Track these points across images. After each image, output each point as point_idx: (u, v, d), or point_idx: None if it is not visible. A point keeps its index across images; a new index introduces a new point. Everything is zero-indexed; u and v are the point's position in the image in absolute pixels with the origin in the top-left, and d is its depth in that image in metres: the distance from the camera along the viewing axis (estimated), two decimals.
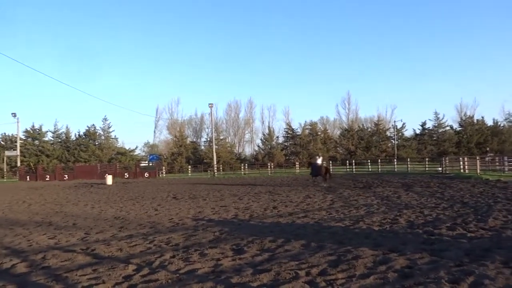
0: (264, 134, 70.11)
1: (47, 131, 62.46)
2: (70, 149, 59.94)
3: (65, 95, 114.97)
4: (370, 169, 39.50)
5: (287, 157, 60.81)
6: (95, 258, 6.13)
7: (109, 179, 32.14)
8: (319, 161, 22.95)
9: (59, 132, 63.24)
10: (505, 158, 27.37)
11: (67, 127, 63.81)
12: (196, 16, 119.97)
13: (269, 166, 45.18)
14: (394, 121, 62.74)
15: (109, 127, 64.13)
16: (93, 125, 63.02)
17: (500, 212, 9.26)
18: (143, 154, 70.83)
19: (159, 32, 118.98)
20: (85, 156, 57.98)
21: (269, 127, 72.15)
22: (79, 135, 63.12)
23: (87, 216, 11.68)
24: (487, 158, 29.67)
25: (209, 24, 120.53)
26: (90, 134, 62.31)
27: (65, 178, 44.92)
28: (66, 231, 8.97)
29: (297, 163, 47.12)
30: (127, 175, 45.32)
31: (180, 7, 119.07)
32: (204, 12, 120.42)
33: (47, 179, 44.96)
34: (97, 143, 62.41)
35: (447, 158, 34.59)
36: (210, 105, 49.07)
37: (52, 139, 63.19)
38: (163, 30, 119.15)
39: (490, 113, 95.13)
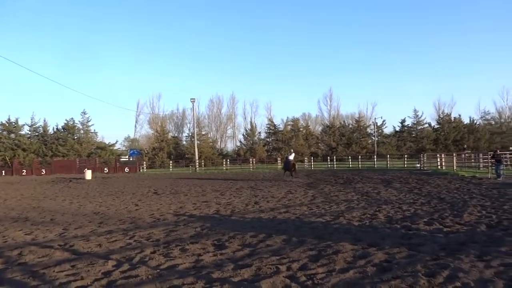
0: (246, 130, 70.04)
1: (23, 125, 60.67)
2: (47, 143, 58.47)
3: (43, 88, 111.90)
4: (350, 165, 39.98)
5: (269, 153, 60.96)
6: (73, 254, 6.03)
7: (88, 174, 31.58)
8: (291, 157, 24.76)
9: (36, 125, 61.57)
10: (480, 155, 28.13)
11: (44, 120, 62.14)
12: (178, 11, 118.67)
13: (251, 162, 45.22)
14: (375, 118, 63.64)
15: (88, 121, 62.77)
16: (72, 118, 61.59)
17: (475, 207, 9.54)
18: (124, 148, 69.80)
19: (141, 26, 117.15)
20: (63, 150, 56.68)
21: (251, 122, 72.13)
22: (57, 129, 61.59)
23: (65, 212, 11.47)
24: (464, 155, 30.41)
25: (191, 19, 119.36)
26: (68, 128, 60.90)
27: (42, 173, 43.90)
28: (44, 227, 8.79)
29: (279, 158, 47.29)
30: (107, 170, 44.61)
31: (162, 1, 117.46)
32: (186, 7, 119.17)
33: (23, 174, 43.85)
34: (76, 137, 61.06)
35: (425, 155, 35.31)
36: (192, 100, 48.68)
37: (29, 132, 61.48)
38: (145, 24, 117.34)
39: (466, 111, 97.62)
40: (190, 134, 65.26)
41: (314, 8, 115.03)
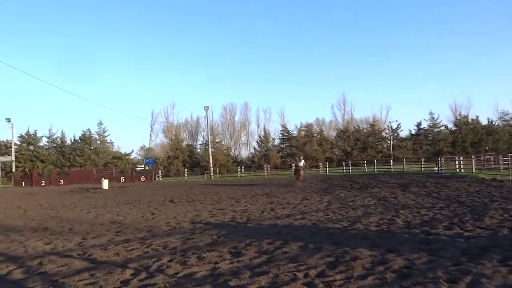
0: (260, 136, 70.20)
1: (42, 136, 62.21)
2: (65, 154, 59.65)
3: (60, 100, 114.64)
4: (366, 170, 39.56)
5: (283, 159, 60.89)
6: (92, 263, 6.09)
7: (105, 184, 31.97)
8: (301, 163, 25.41)
9: (54, 137, 63.01)
10: (500, 157, 27.50)
11: (62, 132, 63.67)
12: (191, 20, 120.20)
13: (265, 168, 45.17)
14: (390, 122, 63.07)
15: (104, 131, 64.00)
16: (89, 129, 62.88)
17: (496, 211, 9.30)
18: (139, 157, 70.68)
19: (154, 35, 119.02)
20: (80, 160, 57.71)
21: (264, 129, 72.33)
22: (74, 139, 62.86)
23: (83, 221, 11.62)
24: (488, 157, 29.64)
25: (204, 27, 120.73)
26: (85, 138, 62.05)
27: (60, 183, 44.66)
28: (63, 237, 8.91)
29: (293, 165, 47.09)
30: (123, 179, 45.11)
31: (175, 11, 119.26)
32: (199, 16, 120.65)
33: (42, 185, 44.68)
34: (92, 148, 62.14)
35: (442, 157, 34.69)
36: (205, 108, 49.10)
37: (47, 144, 62.90)
38: (158, 33, 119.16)
39: (484, 112, 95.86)
40: (204, 142, 65.78)
41: (327, 14, 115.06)
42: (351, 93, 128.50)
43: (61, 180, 45.62)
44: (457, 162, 29.57)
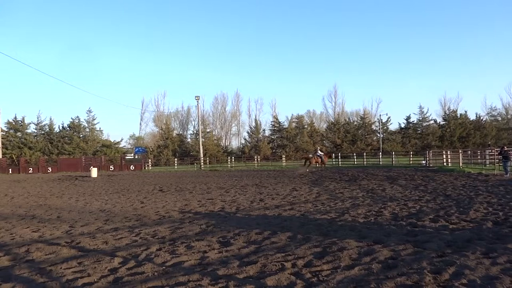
0: (250, 127, 70.22)
1: (30, 123, 61.19)
2: (53, 141, 58.89)
3: (49, 87, 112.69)
4: (355, 162, 39.87)
5: (273, 150, 61.01)
6: (80, 251, 6.07)
7: (94, 172, 31.75)
8: (319, 153, 29.53)
9: (42, 124, 62.07)
10: (486, 152, 27.91)
11: (50, 119, 62.70)
12: (182, 9, 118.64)
13: (255, 159, 45.24)
14: (380, 115, 63.39)
15: (93, 119, 63.20)
16: (78, 117, 62.05)
17: (481, 204, 9.49)
18: (129, 146, 70.18)
19: (146, 24, 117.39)
20: (69, 148, 57.09)
21: (255, 120, 72.21)
22: (63, 127, 62.05)
23: (71, 209, 11.55)
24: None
25: (196, 17, 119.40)
26: (74, 126, 61.28)
27: (48, 171, 44.23)
28: (50, 224, 8.86)
29: (283, 156, 47.28)
30: (113, 167, 44.85)
31: (167, 0, 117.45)
32: (190, 5, 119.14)
33: (30, 172, 44.20)
34: (81, 136, 61.45)
35: (430, 151, 35.12)
36: (196, 98, 48.70)
37: (35, 131, 61.98)
38: (150, 22, 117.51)
39: (473, 107, 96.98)
40: (195, 131, 65.47)
41: (318, 7, 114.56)
42: (343, 86, 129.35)
43: (49, 168, 45.16)
44: (444, 156, 29.98)
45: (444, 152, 31.95)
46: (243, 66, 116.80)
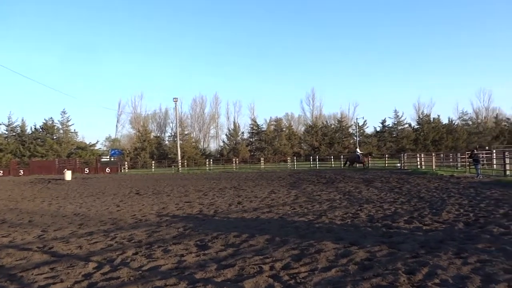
0: (229, 130, 70.05)
1: (0, 124, 59.17)
2: (25, 143, 57.11)
3: (20, 86, 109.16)
4: (333, 165, 40.36)
5: (252, 153, 61.09)
6: (53, 256, 5.91)
7: (68, 175, 30.98)
8: (359, 151, 30.24)
9: (14, 125, 60.12)
10: (458, 155, 28.79)
11: (22, 120, 60.80)
12: (160, 10, 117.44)
13: (234, 162, 45.18)
14: (356, 118, 64.48)
15: (68, 121, 61.70)
16: (51, 118, 60.39)
17: (453, 206, 9.77)
18: (105, 149, 68.76)
19: (122, 24, 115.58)
20: (42, 150, 55.46)
21: (234, 122, 72.11)
22: (35, 128, 60.26)
23: (44, 213, 11.22)
24: (443, 155, 31.03)
25: (174, 18, 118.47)
26: (47, 127, 59.61)
27: (20, 174, 42.87)
28: (22, 229, 8.58)
29: (262, 158, 47.39)
30: (88, 170, 43.86)
31: (144, 1, 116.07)
32: (169, 6, 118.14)
33: (0, 175, 42.70)
34: (55, 137, 59.84)
35: (405, 154, 35.92)
36: (174, 100, 48.29)
37: (6, 132, 59.94)
38: (126, 23, 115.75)
39: (445, 112, 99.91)
40: (173, 134, 64.87)
41: (297, 10, 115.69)
42: (321, 89, 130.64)
43: (21, 170, 43.81)
44: (418, 159, 30.74)
45: (418, 155, 32.76)
46: (222, 68, 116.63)
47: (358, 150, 30.99)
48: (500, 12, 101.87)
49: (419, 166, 29.08)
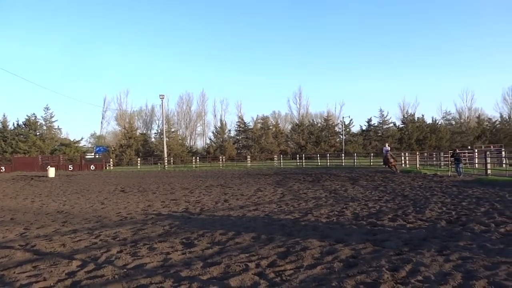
0: (216, 127, 69.78)
1: None
2: (7, 139, 55.86)
3: (2, 81, 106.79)
4: (319, 163, 40.62)
5: (238, 151, 61.03)
6: (35, 255, 5.81)
7: (51, 172, 30.48)
8: (386, 147, 25.56)
9: None
10: (441, 154, 29.29)
11: (4, 115, 59.45)
12: (146, 6, 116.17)
13: (220, 159, 45.08)
14: (343, 117, 64.93)
15: (51, 117, 60.54)
16: (34, 114, 59.20)
17: (436, 204, 9.95)
18: (89, 145, 67.86)
19: (109, 19, 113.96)
20: (24, 147, 54.36)
21: (221, 120, 71.80)
22: (17, 124, 58.99)
23: (26, 211, 11.02)
24: (427, 154, 31.54)
25: (160, 14, 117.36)
26: (30, 123, 58.43)
27: (1, 171, 41.94)
28: (3, 227, 8.41)
29: (248, 156, 47.39)
30: (72, 167, 43.22)
31: None
32: (156, 2, 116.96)
33: None
34: (38, 134, 58.72)
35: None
36: (161, 97, 47.87)
37: None
38: (112, 18, 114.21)
39: (429, 111, 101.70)
40: (159, 131, 64.34)
41: (285, 7, 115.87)
42: (307, 88, 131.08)
43: (2, 167, 42.84)
44: (403, 158, 31.17)
45: (402, 154, 33.21)
46: (209, 65, 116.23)
47: (386, 145, 25.66)
48: (484, 14, 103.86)
49: (403, 165, 29.50)
